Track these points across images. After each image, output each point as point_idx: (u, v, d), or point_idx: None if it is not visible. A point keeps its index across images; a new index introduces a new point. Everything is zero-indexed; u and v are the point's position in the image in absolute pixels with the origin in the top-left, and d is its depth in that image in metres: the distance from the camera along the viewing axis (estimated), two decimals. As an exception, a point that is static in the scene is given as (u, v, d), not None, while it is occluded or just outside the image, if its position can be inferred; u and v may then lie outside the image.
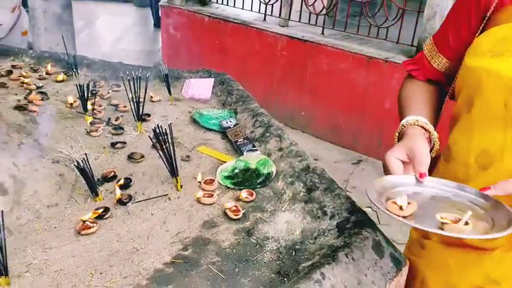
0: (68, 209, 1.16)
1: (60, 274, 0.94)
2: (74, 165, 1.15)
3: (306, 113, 3.94)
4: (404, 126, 1.00)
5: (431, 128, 0.99)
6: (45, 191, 1.17)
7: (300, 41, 3.82)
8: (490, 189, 0.85)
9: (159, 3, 5.08)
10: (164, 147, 1.23)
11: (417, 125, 0.99)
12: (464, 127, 0.97)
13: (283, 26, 4.07)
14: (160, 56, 5.16)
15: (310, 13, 3.88)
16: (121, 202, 1.18)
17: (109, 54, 5.01)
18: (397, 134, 1.02)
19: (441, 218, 0.79)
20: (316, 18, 3.86)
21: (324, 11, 3.80)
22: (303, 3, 3.83)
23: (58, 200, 1.17)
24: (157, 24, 6.79)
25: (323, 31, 3.82)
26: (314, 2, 3.75)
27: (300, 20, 4.01)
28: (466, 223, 0.77)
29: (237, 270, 0.97)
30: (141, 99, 1.57)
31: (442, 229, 0.76)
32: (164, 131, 1.22)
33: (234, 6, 4.41)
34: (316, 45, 3.70)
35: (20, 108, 1.49)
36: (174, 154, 1.23)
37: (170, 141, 1.22)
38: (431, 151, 0.99)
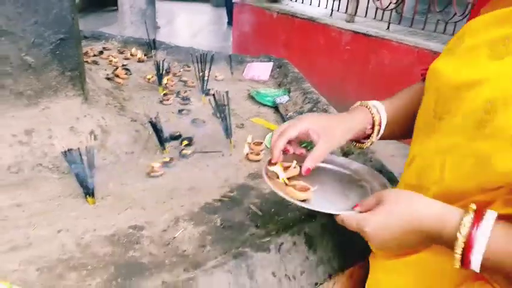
0: (141, 157, 1.41)
1: (132, 201, 1.18)
2: (149, 121, 1.40)
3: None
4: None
5: (374, 109, 0.96)
6: (124, 141, 1.43)
7: (364, 35, 3.90)
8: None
9: (233, 2, 5.39)
10: (222, 113, 1.45)
11: (362, 105, 0.98)
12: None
13: (349, 22, 4.16)
14: (230, 51, 5.46)
15: (377, 9, 3.94)
16: (183, 155, 1.42)
17: (185, 48, 5.37)
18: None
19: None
20: (383, 13, 3.91)
21: (391, 6, 3.84)
22: (370, -1, 3.90)
23: (134, 149, 1.43)
24: (230, 22, 7.15)
25: (388, 26, 3.86)
26: (381, -2, 3.81)
27: (366, 15, 4.08)
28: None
29: (272, 210, 1.16)
30: (206, 77, 1.81)
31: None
32: (222, 98, 1.43)
33: (303, 2, 4.58)
34: (380, 40, 3.76)
35: (108, 79, 1.79)
36: (229, 118, 1.45)
37: (227, 107, 1.43)
38: (371, 135, 0.99)
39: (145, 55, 2.24)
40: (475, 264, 0.63)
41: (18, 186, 1.19)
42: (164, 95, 1.80)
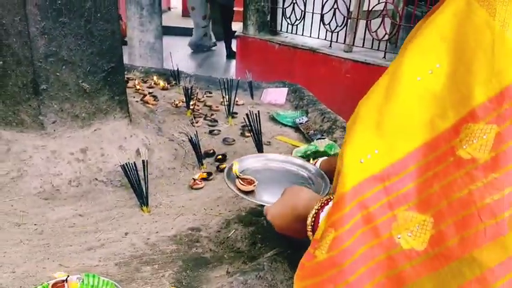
0: (182, 172, 1.55)
1: (182, 209, 1.31)
2: (189, 140, 1.54)
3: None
4: None
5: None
6: (166, 158, 1.57)
7: (363, 64, 4.12)
8: None
9: (234, 35, 5.64)
10: (253, 130, 1.59)
11: None
12: None
13: (347, 51, 4.40)
14: (233, 81, 5.64)
15: (373, 39, 4.18)
16: (220, 169, 1.55)
17: (189, 80, 5.55)
18: None
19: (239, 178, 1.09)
20: (379, 44, 4.15)
21: (386, 37, 4.08)
22: (367, 30, 4.15)
23: (175, 166, 1.56)
24: (229, 55, 7.42)
25: (384, 55, 4.09)
26: (377, 29, 4.05)
27: (363, 45, 4.32)
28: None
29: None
30: (232, 101, 1.97)
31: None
32: (254, 117, 1.58)
33: (303, 35, 4.82)
34: (378, 67, 3.98)
35: (142, 103, 1.94)
36: (260, 134, 1.59)
37: (257, 125, 1.58)
38: None
39: (167, 83, 2.40)
40: None
41: (79, 198, 1.31)
42: (193, 118, 1.95)
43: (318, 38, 4.75)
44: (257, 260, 1.03)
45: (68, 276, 0.90)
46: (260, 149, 1.61)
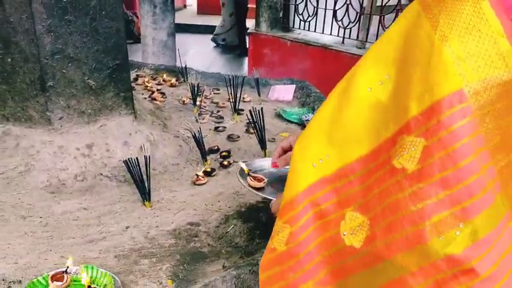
0: (186, 168, 1.57)
1: (184, 204, 1.33)
2: (192, 136, 1.56)
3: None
4: None
5: None
6: (170, 154, 1.59)
7: (375, 61, 4.10)
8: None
9: (246, 33, 5.65)
10: (256, 127, 1.61)
11: None
12: None
13: (360, 48, 4.37)
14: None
15: (386, 35, 4.14)
16: (223, 166, 1.57)
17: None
18: None
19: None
20: (392, 39, 4.11)
21: (399, 33, 4.05)
22: (380, 26, 4.11)
23: (179, 161, 1.58)
24: (241, 53, 7.44)
25: (398, 51, 4.06)
26: (390, 25, 4.02)
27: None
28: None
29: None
30: (237, 98, 1.99)
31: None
32: (257, 114, 1.59)
33: (315, 31, 4.81)
34: (391, 64, 3.95)
35: (151, 99, 1.97)
36: (264, 131, 1.60)
37: (261, 121, 1.59)
38: None
39: (176, 80, 2.43)
40: None
41: (84, 192, 1.34)
42: (199, 114, 1.97)
43: (330, 34, 4.73)
44: (253, 256, 1.05)
45: (68, 267, 0.93)
46: (263, 146, 1.62)
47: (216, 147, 1.69)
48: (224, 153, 1.64)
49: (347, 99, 0.63)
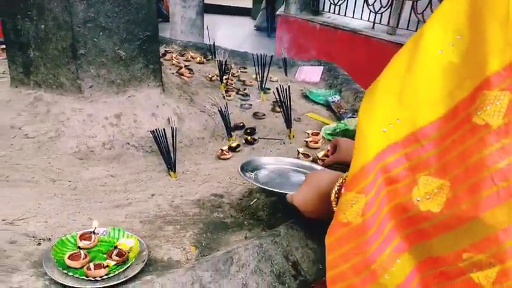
0: (211, 142, 1.58)
1: (208, 176, 1.34)
2: (219, 111, 1.57)
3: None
4: None
5: None
6: (196, 128, 1.60)
7: (406, 47, 4.00)
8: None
9: (275, 14, 5.59)
10: (282, 105, 1.60)
11: None
12: None
13: (391, 34, 4.27)
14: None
15: (418, 21, 4.03)
16: (248, 142, 1.57)
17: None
18: None
19: None
20: (425, 26, 4.00)
21: (432, 19, 3.93)
22: (412, 11, 4.00)
23: (204, 136, 1.59)
24: (270, 34, 7.38)
25: (430, 38, 3.95)
26: (424, 11, 3.90)
27: (408, 27, 4.17)
28: None
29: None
30: (264, 76, 1.98)
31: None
32: (284, 92, 1.58)
33: (345, 15, 4.72)
34: (422, 51, 3.85)
35: (178, 74, 1.98)
36: (290, 109, 1.59)
37: (287, 100, 1.58)
38: None
39: (204, 57, 2.43)
40: None
41: (111, 160, 1.37)
42: (226, 91, 1.97)
43: (361, 19, 4.63)
44: (276, 229, 1.05)
45: (96, 228, 0.96)
46: (289, 125, 1.61)
47: (242, 124, 1.69)
48: (249, 130, 1.64)
49: (416, 62, 0.62)
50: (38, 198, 1.12)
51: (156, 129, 1.32)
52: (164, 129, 1.31)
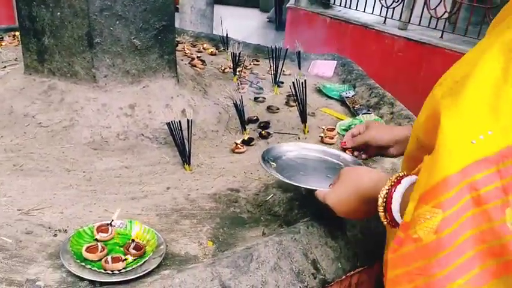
0: (225, 136, 1.56)
1: (223, 170, 1.32)
2: (234, 103, 1.55)
3: (417, 114, 4.02)
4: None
5: None
6: (210, 120, 1.58)
7: (417, 43, 3.94)
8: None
9: (286, 5, 5.54)
10: (298, 100, 1.57)
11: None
12: None
13: (402, 29, 4.22)
14: (280, 54, 5.57)
15: (430, 17, 3.98)
16: (262, 136, 1.55)
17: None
18: None
19: None
20: (437, 22, 3.95)
21: (445, 15, 3.87)
22: (425, 7, 3.95)
23: (218, 128, 1.58)
24: (279, 27, 7.32)
25: (442, 35, 3.89)
26: (436, 7, 3.85)
27: (420, 23, 4.13)
28: None
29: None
30: (278, 70, 1.95)
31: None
32: (300, 86, 1.56)
33: (356, 9, 4.67)
34: (433, 47, 3.79)
35: (190, 66, 1.96)
36: (305, 104, 1.57)
37: (303, 95, 1.56)
38: None
39: (216, 49, 2.40)
40: (398, 220, 0.69)
41: (125, 151, 1.36)
42: (239, 84, 1.95)
43: (372, 13, 4.58)
44: (293, 225, 1.04)
45: (113, 220, 0.94)
46: (304, 119, 1.59)
47: (255, 118, 1.67)
48: (263, 124, 1.62)
49: None
50: (53, 188, 1.11)
51: (172, 121, 1.30)
52: (180, 121, 1.29)
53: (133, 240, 0.91)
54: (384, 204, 0.72)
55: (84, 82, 1.42)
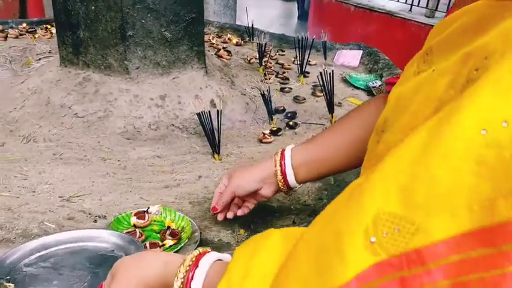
0: (252, 126, 1.59)
1: (252, 160, 1.35)
2: (261, 93, 1.57)
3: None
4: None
5: (278, 156, 0.95)
6: (238, 111, 1.61)
7: (445, 31, 3.87)
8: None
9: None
10: (325, 90, 1.58)
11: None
12: None
13: (429, 17, 4.14)
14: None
15: (459, 4, 3.89)
16: (289, 126, 1.57)
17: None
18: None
19: None
20: (465, 9, 3.86)
21: (474, 3, 3.79)
22: (453, -6, 3.86)
23: (246, 119, 1.60)
24: (301, 16, 7.27)
25: (470, 22, 3.81)
26: (465, -7, 3.76)
27: (447, 11, 4.04)
28: None
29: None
30: (305, 60, 1.96)
31: None
32: (327, 77, 1.57)
33: (381, -3, 4.61)
34: (462, 35, 3.72)
35: (217, 56, 1.99)
36: (333, 94, 1.58)
37: (330, 85, 1.56)
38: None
39: (241, 39, 2.42)
40: None
41: (157, 141, 1.40)
42: (265, 74, 1.97)
43: (397, 1, 4.51)
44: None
45: (149, 207, 0.98)
46: (331, 109, 1.60)
47: (282, 108, 1.69)
48: (289, 114, 1.64)
49: (439, 144, 0.39)
50: (91, 176, 1.16)
51: (202, 112, 1.33)
52: (209, 111, 1.32)
53: (168, 227, 0.95)
54: None
55: (117, 74, 1.46)
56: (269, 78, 1.92)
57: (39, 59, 1.88)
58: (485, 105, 0.38)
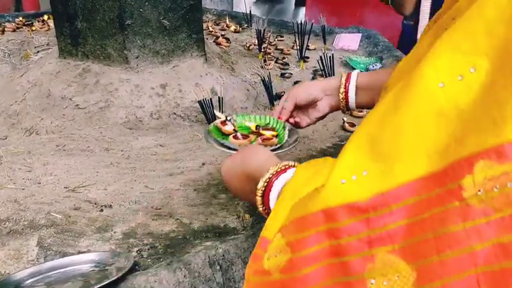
0: (254, 112, 1.58)
1: (254, 146, 1.35)
2: (261, 79, 1.56)
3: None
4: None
5: (344, 75, 1.00)
6: (239, 98, 1.60)
7: (444, 12, 3.85)
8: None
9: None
10: (325, 74, 1.58)
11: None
12: None
13: (427, -2, 4.11)
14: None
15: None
16: (290, 111, 1.57)
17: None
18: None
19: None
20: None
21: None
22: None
23: (247, 105, 1.60)
24: (299, 2, 7.19)
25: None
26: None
27: (446, -9, 4.01)
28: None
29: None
30: (304, 44, 1.95)
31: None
32: (327, 61, 1.56)
33: (378, -20, 4.56)
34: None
35: (215, 44, 1.98)
36: (333, 76, 1.57)
37: (330, 69, 1.56)
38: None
39: (239, 26, 2.40)
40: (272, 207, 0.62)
41: (159, 130, 1.40)
42: (264, 60, 1.96)
43: (395, -17, 4.48)
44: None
45: (227, 117, 1.10)
46: (332, 93, 1.60)
47: (283, 93, 1.68)
48: (291, 100, 1.63)
49: (405, 97, 0.44)
50: (95, 167, 1.16)
51: (203, 99, 1.33)
52: (211, 99, 1.32)
53: (257, 126, 1.07)
54: (263, 188, 0.65)
55: (117, 64, 1.46)
56: (269, 64, 1.91)
57: (38, 51, 1.87)
58: (443, 60, 0.42)
